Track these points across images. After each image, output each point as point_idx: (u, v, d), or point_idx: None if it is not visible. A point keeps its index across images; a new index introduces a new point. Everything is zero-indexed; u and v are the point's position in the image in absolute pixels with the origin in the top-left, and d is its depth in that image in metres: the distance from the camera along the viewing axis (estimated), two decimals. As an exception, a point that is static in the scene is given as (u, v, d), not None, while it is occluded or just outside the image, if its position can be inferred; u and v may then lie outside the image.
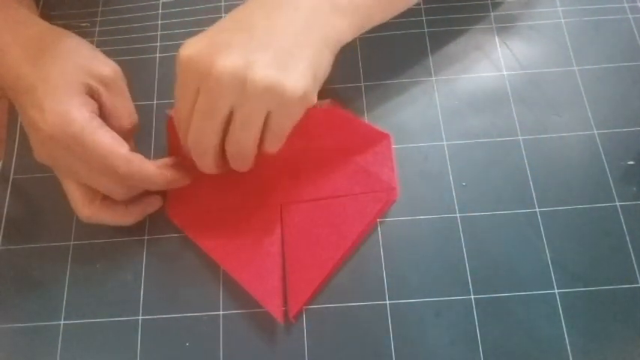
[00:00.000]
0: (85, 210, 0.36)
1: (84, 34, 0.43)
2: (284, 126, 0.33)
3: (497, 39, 0.44)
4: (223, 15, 0.46)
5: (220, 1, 0.46)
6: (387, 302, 0.36)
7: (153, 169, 0.34)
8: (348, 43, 0.34)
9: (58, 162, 0.35)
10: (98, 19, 0.46)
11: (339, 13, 0.34)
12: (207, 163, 0.34)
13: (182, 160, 0.36)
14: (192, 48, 0.32)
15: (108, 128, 0.34)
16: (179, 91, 0.33)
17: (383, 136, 0.40)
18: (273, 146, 0.34)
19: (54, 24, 0.45)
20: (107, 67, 0.35)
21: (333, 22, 0.34)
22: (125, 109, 0.36)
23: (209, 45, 0.31)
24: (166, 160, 0.36)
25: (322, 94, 0.34)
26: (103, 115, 0.35)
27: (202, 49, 0.31)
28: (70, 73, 0.34)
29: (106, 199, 0.36)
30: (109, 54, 0.45)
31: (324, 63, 0.33)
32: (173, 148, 0.40)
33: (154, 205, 0.38)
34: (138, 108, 0.37)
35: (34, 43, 0.34)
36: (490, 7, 0.45)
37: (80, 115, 0.33)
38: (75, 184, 0.35)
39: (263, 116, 0.32)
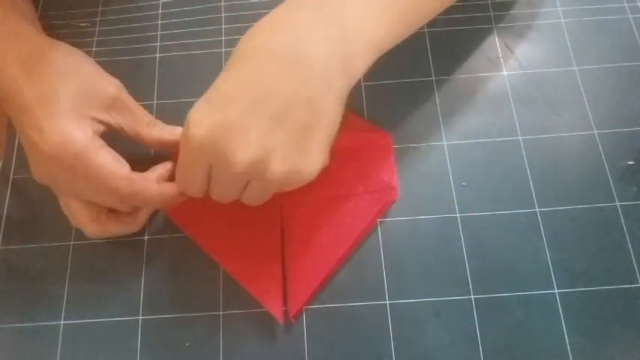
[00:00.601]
0: (92, 227, 0.35)
1: (84, 34, 0.43)
2: (295, 188, 0.33)
3: (497, 39, 0.44)
4: (223, 15, 0.46)
5: (220, 1, 0.46)
6: (387, 302, 0.36)
7: (155, 190, 0.34)
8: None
9: (57, 182, 0.34)
10: (98, 19, 0.46)
11: (356, 56, 0.32)
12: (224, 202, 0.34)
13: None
14: (204, 127, 0.29)
15: (109, 149, 0.34)
16: (189, 167, 0.32)
17: (383, 136, 0.40)
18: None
19: (54, 24, 0.46)
20: (110, 87, 0.35)
21: (350, 69, 0.31)
22: (135, 121, 0.35)
23: (223, 127, 0.29)
24: (168, 167, 0.36)
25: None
26: (117, 130, 0.35)
27: (216, 131, 0.29)
28: (72, 93, 0.33)
29: (111, 211, 0.36)
30: (109, 54, 0.45)
31: (339, 119, 0.32)
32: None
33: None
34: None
35: (34, 59, 0.33)
36: (490, 7, 0.45)
37: (81, 135, 0.32)
38: (78, 203, 0.35)
39: (277, 188, 0.32)
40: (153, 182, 0.34)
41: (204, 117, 0.29)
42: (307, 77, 0.30)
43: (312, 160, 0.31)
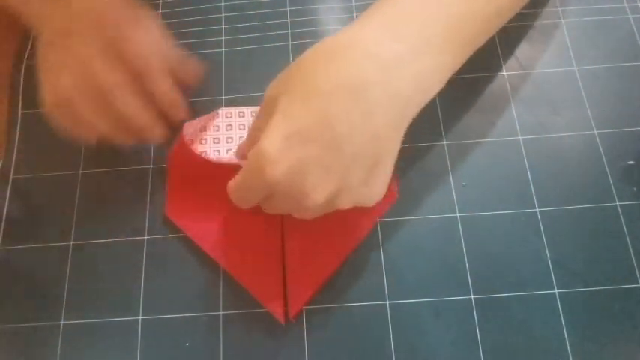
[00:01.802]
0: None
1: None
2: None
3: (497, 39, 0.44)
4: (223, 15, 0.46)
5: (220, 1, 0.46)
6: (387, 302, 0.36)
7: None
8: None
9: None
10: (98, 19, 0.46)
11: (433, 87, 0.32)
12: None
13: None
14: (282, 167, 0.28)
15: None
16: (252, 192, 0.31)
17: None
18: None
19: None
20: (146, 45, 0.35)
21: (425, 99, 0.32)
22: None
23: (303, 167, 0.29)
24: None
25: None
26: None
27: (296, 171, 0.29)
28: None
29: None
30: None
31: (399, 147, 0.32)
32: (173, 182, 0.40)
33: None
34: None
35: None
36: (490, 7, 0.45)
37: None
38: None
39: None
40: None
41: (282, 155, 0.28)
42: (382, 121, 0.29)
43: (378, 191, 0.32)
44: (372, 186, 0.31)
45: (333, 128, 0.29)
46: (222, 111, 0.41)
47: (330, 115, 0.29)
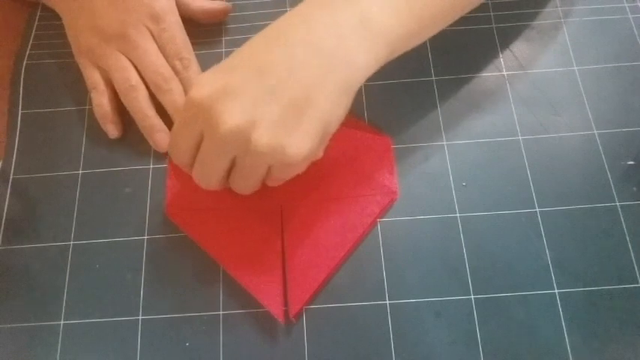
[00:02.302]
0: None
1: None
2: (285, 176, 0.34)
3: (497, 39, 0.44)
4: (223, 15, 0.46)
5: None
6: (387, 302, 0.36)
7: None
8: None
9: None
10: (98, 19, 0.46)
11: (368, 46, 0.32)
12: (210, 187, 0.35)
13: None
14: (203, 91, 0.31)
15: None
16: (182, 129, 0.33)
17: (383, 138, 0.40)
18: (274, 184, 0.35)
19: (54, 24, 0.46)
20: (157, 4, 0.40)
21: (359, 59, 0.32)
22: (174, 44, 0.40)
23: (221, 91, 0.31)
24: None
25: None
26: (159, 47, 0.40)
27: (214, 94, 0.31)
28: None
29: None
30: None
31: (339, 112, 0.32)
32: (173, 182, 0.40)
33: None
34: (138, 108, 0.37)
35: None
36: (490, 7, 0.45)
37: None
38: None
39: (264, 169, 0.33)
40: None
41: (208, 81, 0.31)
42: (314, 58, 0.31)
43: (298, 141, 0.31)
44: (292, 133, 0.30)
45: (257, 63, 0.31)
46: None
47: (256, 51, 0.32)
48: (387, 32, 0.33)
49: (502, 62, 0.43)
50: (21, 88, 0.44)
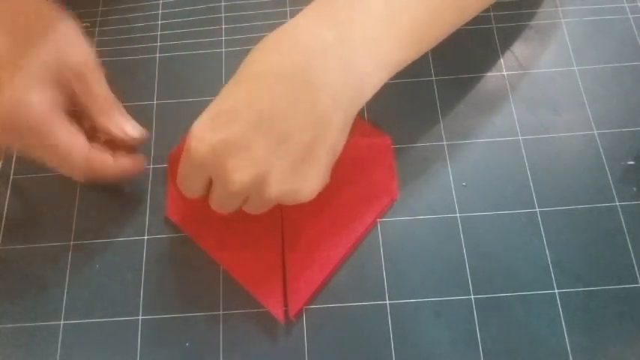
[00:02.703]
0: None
1: (84, 34, 0.43)
2: (294, 204, 0.33)
3: (497, 39, 0.44)
4: (223, 15, 0.46)
5: (220, 1, 0.46)
6: (387, 302, 0.36)
7: (111, 166, 0.34)
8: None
9: (9, 142, 0.33)
10: (98, 19, 0.46)
11: (368, 78, 0.31)
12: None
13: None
14: (206, 144, 0.29)
15: (67, 123, 0.32)
16: (189, 177, 0.32)
17: (383, 137, 0.40)
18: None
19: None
20: (78, 56, 0.33)
21: (361, 91, 0.31)
22: (97, 105, 0.33)
23: (225, 145, 0.29)
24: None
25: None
26: (75, 104, 0.33)
27: (218, 149, 0.29)
28: (39, 56, 0.31)
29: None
30: (109, 54, 0.45)
31: (345, 136, 0.31)
32: (174, 182, 0.40)
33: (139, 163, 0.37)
34: (138, 108, 0.37)
35: (10, 13, 0.31)
36: (490, 7, 0.45)
37: (39, 104, 0.30)
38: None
39: (275, 204, 0.32)
40: (109, 158, 0.34)
41: (207, 133, 0.29)
42: (315, 102, 0.29)
43: (312, 183, 0.31)
44: (305, 179, 0.30)
45: (257, 108, 0.29)
46: None
47: (255, 96, 0.29)
48: (392, 59, 0.32)
49: (502, 62, 0.43)
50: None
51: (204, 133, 0.29)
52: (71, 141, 0.32)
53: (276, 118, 0.29)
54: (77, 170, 0.33)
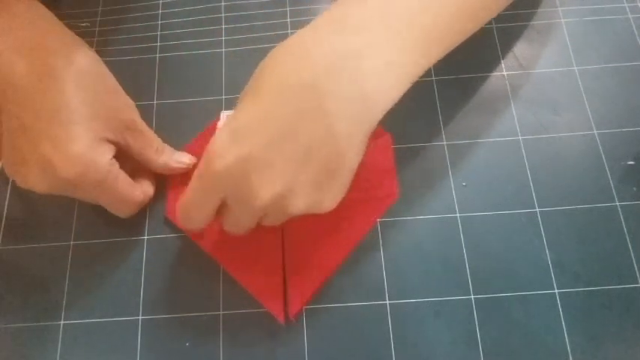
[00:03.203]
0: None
1: (84, 34, 0.42)
2: (316, 213, 0.32)
3: (497, 39, 0.44)
4: (223, 15, 0.46)
5: (220, 1, 0.46)
6: (387, 302, 0.36)
7: (149, 200, 0.37)
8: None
9: (74, 196, 0.35)
10: (98, 19, 0.46)
11: (387, 92, 0.31)
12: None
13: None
14: (227, 159, 0.28)
15: (125, 174, 0.34)
16: (200, 198, 0.31)
17: (383, 139, 0.40)
18: None
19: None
20: (127, 108, 0.35)
21: (380, 105, 0.30)
22: (152, 148, 0.36)
23: (248, 161, 0.28)
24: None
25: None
26: (126, 151, 0.35)
27: (241, 164, 0.28)
28: (90, 111, 0.32)
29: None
30: (109, 54, 0.45)
31: (362, 155, 0.31)
32: (173, 182, 0.40)
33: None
34: (138, 108, 0.37)
35: (41, 58, 0.32)
36: (490, 7, 0.45)
37: (103, 163, 0.32)
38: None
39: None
40: (148, 194, 0.37)
41: (228, 149, 0.29)
42: (335, 115, 0.29)
43: (333, 196, 0.31)
44: (327, 192, 0.30)
45: (277, 123, 0.29)
46: (224, 114, 0.41)
47: (274, 110, 0.29)
48: (408, 71, 0.32)
49: (502, 62, 0.43)
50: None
51: (224, 149, 0.29)
52: (130, 192, 0.35)
53: (296, 132, 0.29)
54: (128, 213, 0.37)
